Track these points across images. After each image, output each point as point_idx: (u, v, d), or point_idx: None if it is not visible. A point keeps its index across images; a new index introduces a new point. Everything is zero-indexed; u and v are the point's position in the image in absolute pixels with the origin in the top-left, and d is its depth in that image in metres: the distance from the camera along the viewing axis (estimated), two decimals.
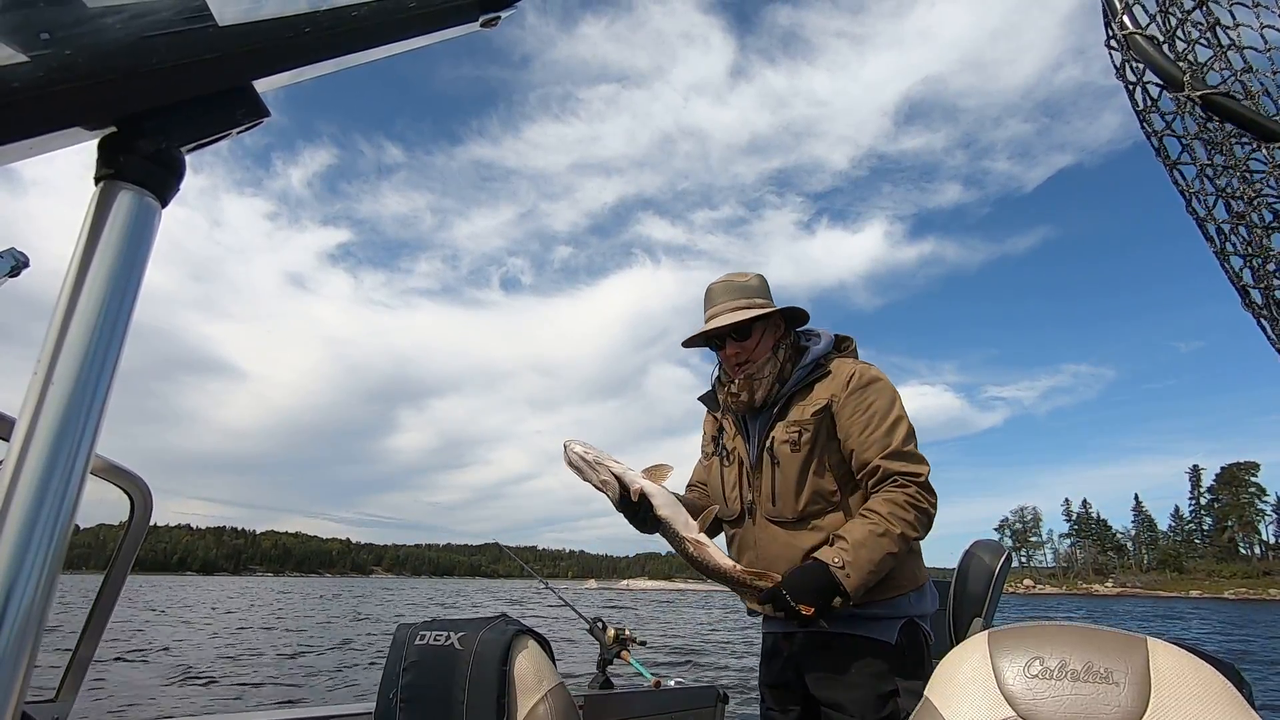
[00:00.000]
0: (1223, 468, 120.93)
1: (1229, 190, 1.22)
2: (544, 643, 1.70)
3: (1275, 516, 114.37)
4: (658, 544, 1.67)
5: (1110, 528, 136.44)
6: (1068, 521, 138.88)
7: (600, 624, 2.81)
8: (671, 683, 2.84)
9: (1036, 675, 1.03)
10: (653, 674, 2.76)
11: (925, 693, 1.10)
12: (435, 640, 1.70)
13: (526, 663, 1.61)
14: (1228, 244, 1.26)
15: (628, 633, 2.78)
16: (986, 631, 1.13)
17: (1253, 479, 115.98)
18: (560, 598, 3.14)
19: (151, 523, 1.86)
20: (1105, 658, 1.01)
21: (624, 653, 2.72)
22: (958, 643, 1.16)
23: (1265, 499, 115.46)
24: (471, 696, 1.57)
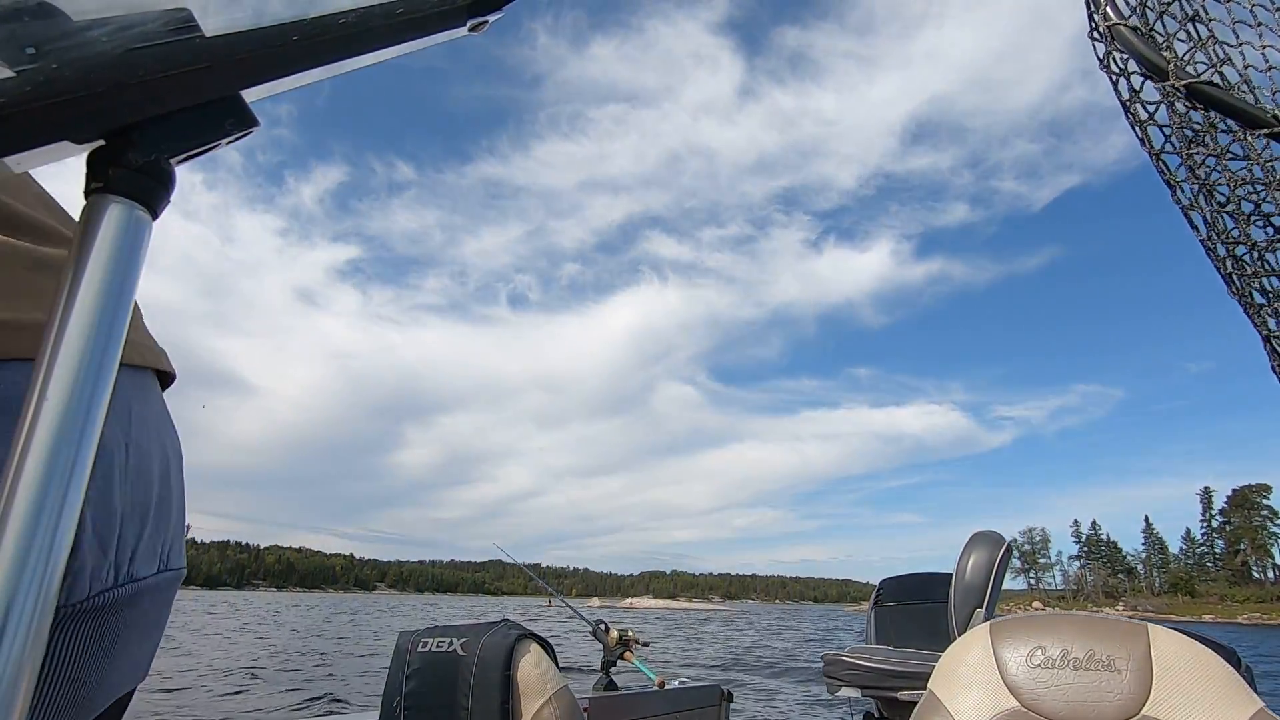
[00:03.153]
0: (1234, 490, 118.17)
1: (1210, 181, 1.23)
2: (547, 646, 1.70)
3: None
4: (662, 562, 1.08)
5: (1120, 550, 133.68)
6: (1077, 543, 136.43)
7: (603, 626, 2.81)
8: (676, 682, 2.84)
9: (1039, 665, 1.03)
10: (656, 674, 2.76)
11: (929, 686, 1.11)
12: (438, 646, 1.69)
13: (530, 666, 1.60)
14: (1213, 232, 1.27)
15: (630, 634, 2.78)
16: (988, 623, 1.13)
17: (1265, 501, 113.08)
18: (565, 603, 3.17)
19: None
20: (1107, 645, 1.01)
21: (627, 653, 2.72)
22: (960, 635, 1.16)
23: (1278, 522, 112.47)
24: (475, 702, 1.57)
